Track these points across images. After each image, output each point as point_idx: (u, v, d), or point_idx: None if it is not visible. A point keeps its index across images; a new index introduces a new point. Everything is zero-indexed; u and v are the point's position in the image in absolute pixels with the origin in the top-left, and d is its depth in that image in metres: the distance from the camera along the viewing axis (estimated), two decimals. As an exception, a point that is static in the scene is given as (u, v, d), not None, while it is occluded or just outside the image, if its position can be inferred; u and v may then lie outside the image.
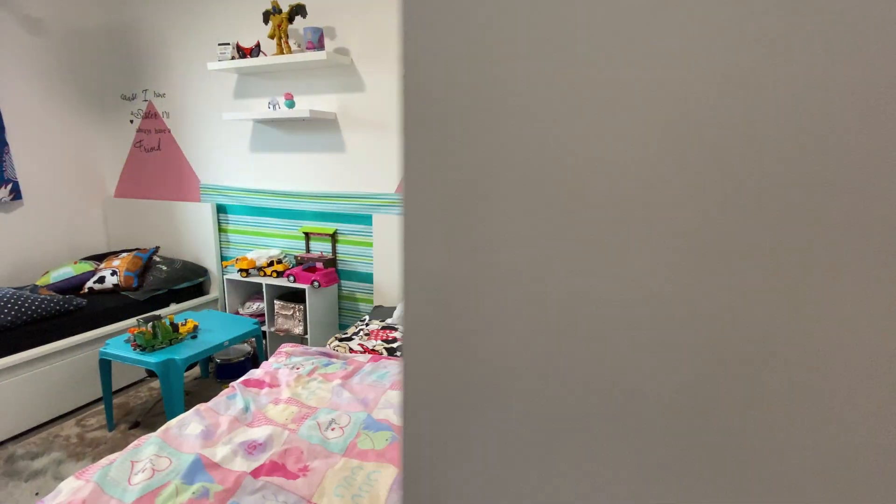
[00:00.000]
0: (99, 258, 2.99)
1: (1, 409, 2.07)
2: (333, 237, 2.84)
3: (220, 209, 3.10)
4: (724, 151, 0.22)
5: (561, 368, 0.27)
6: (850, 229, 0.20)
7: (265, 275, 2.71)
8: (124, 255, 2.83)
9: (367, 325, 2.28)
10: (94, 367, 2.44)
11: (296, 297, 2.77)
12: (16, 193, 2.88)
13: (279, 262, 2.76)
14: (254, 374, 1.60)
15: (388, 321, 2.30)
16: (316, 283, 2.60)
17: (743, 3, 0.20)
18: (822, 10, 0.19)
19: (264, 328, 2.74)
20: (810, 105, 0.20)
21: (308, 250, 2.92)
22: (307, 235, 2.90)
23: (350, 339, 2.08)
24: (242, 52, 2.61)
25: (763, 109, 0.21)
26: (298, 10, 2.42)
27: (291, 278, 2.64)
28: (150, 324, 2.01)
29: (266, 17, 2.48)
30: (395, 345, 2.01)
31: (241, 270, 2.71)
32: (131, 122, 3.25)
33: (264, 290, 2.70)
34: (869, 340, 0.21)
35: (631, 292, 0.24)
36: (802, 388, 0.22)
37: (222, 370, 2.68)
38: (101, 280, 2.68)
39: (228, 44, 2.61)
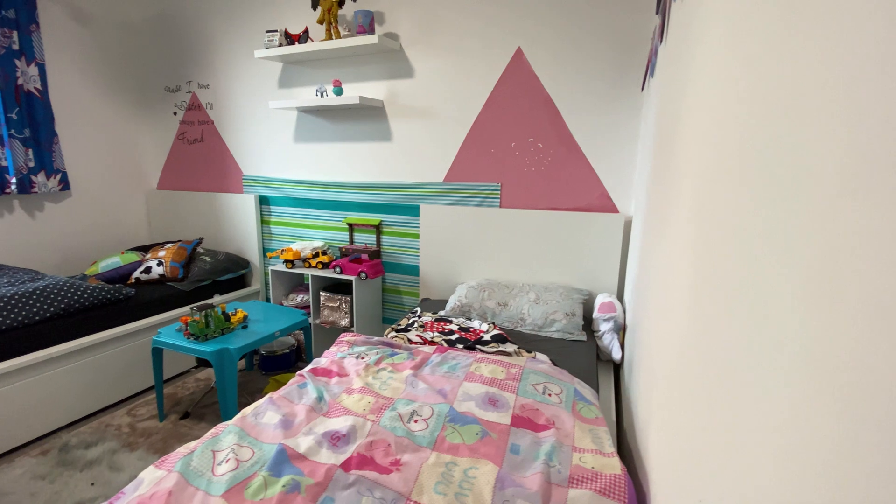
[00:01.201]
0: (144, 249, 2.98)
1: (54, 398, 2.05)
2: (378, 228, 2.77)
3: (263, 201, 3.07)
4: None
5: None
6: None
7: (310, 266, 2.66)
8: (169, 245, 2.82)
9: (419, 316, 2.19)
10: (143, 356, 2.42)
11: (340, 289, 2.70)
12: (64, 184, 2.89)
13: (324, 253, 2.70)
14: (319, 363, 1.52)
15: (441, 313, 2.21)
16: (363, 275, 2.53)
17: None
18: None
19: (309, 320, 2.68)
20: None
21: (352, 242, 2.85)
22: (351, 227, 2.83)
23: (407, 330, 1.99)
24: (290, 39, 2.57)
25: None
26: (349, -6, 2.36)
27: (338, 269, 2.57)
28: (203, 313, 1.97)
29: (315, 2, 2.42)
30: (453, 337, 1.92)
31: (286, 262, 2.66)
32: (175, 113, 3.25)
33: (310, 281, 2.64)
34: None
35: None
36: None
37: (267, 362, 2.63)
38: (148, 270, 2.66)
39: (276, 31, 2.56)
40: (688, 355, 0.71)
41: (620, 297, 2.24)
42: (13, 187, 2.65)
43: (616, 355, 1.82)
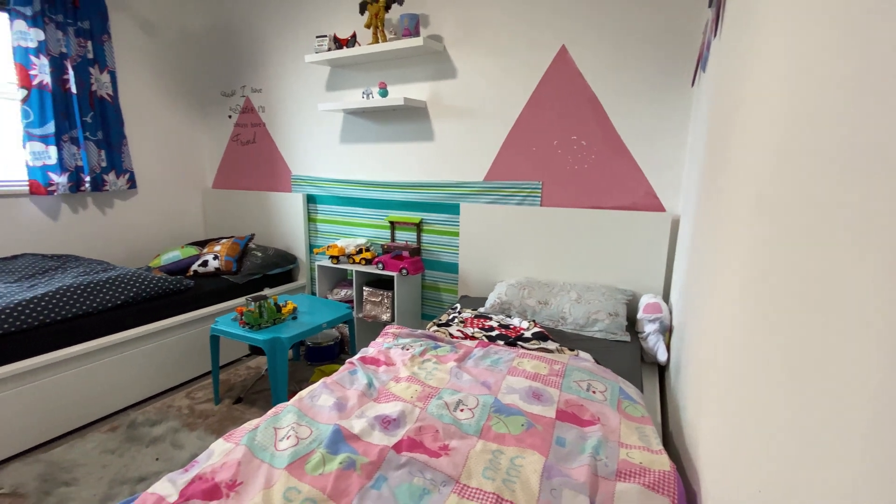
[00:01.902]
0: (201, 244, 3.18)
1: (123, 379, 2.23)
2: (418, 226, 2.83)
3: (310, 199, 3.20)
4: None
5: None
6: None
7: (353, 262, 2.75)
8: (224, 241, 2.99)
9: (459, 313, 2.22)
10: (200, 343, 2.59)
11: (382, 284, 2.78)
12: (131, 182, 3.13)
13: (367, 249, 2.79)
14: (367, 352, 1.59)
15: (481, 310, 2.24)
16: (404, 271, 2.60)
17: None
18: None
19: (352, 314, 2.77)
20: None
21: (393, 239, 2.93)
22: (393, 224, 2.91)
23: (448, 325, 2.03)
24: (339, 44, 2.67)
25: None
26: (395, -2, 2.43)
27: (380, 266, 2.65)
28: (258, 303, 2.08)
29: (363, 7, 2.51)
30: (493, 333, 1.94)
31: (331, 257, 2.77)
32: (230, 116, 3.44)
33: (353, 276, 2.74)
34: None
35: None
36: None
37: (312, 353, 2.75)
38: (205, 264, 2.84)
39: (325, 36, 2.68)
40: (748, 356, 0.71)
41: (666, 298, 2.19)
42: (87, 185, 2.90)
43: (661, 357, 1.79)
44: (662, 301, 1.98)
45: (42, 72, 2.66)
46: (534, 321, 2.05)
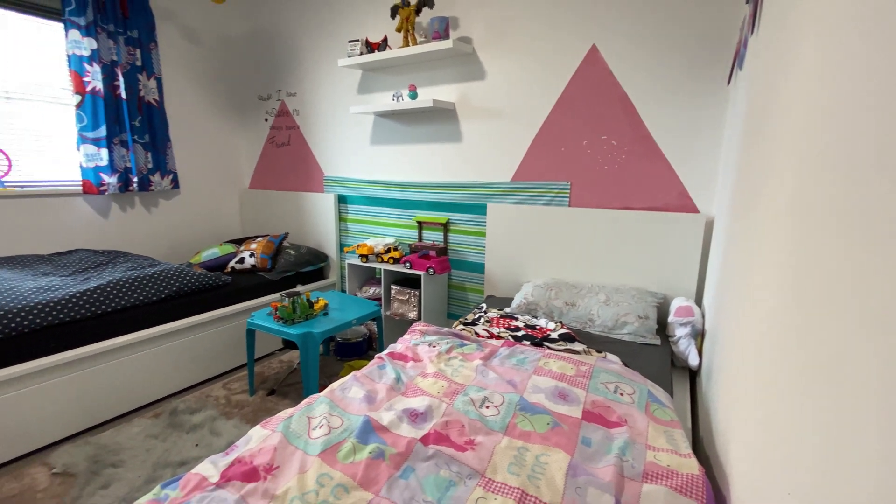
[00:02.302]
0: (238, 241, 3.31)
1: (166, 369, 2.36)
2: (445, 226, 2.86)
3: (341, 199, 3.29)
4: None
5: None
6: None
7: (382, 261, 2.81)
8: (259, 239, 3.11)
9: (485, 312, 2.24)
10: (237, 337, 2.70)
11: (409, 283, 2.83)
12: (175, 183, 3.29)
13: (395, 249, 2.84)
14: (395, 348, 1.63)
15: (507, 310, 2.25)
16: (431, 270, 2.63)
17: None
18: None
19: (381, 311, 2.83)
20: None
21: (420, 239, 2.97)
22: (420, 224, 2.95)
23: (474, 324, 2.05)
24: (370, 48, 2.73)
25: None
26: (426, 2, 2.47)
27: (408, 265, 2.70)
28: (291, 299, 2.16)
29: (394, 11, 2.56)
30: (519, 333, 1.95)
31: (361, 256, 2.84)
32: (266, 120, 3.58)
33: (381, 275, 2.80)
34: None
35: None
36: None
37: (342, 348, 2.82)
38: (242, 261, 2.96)
39: (358, 40, 2.75)
40: (783, 361, 0.69)
41: (699, 302, 2.14)
42: (135, 185, 3.07)
43: (693, 361, 1.75)
44: (695, 304, 1.93)
45: (95, 78, 2.84)
46: (560, 322, 2.05)
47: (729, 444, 1.00)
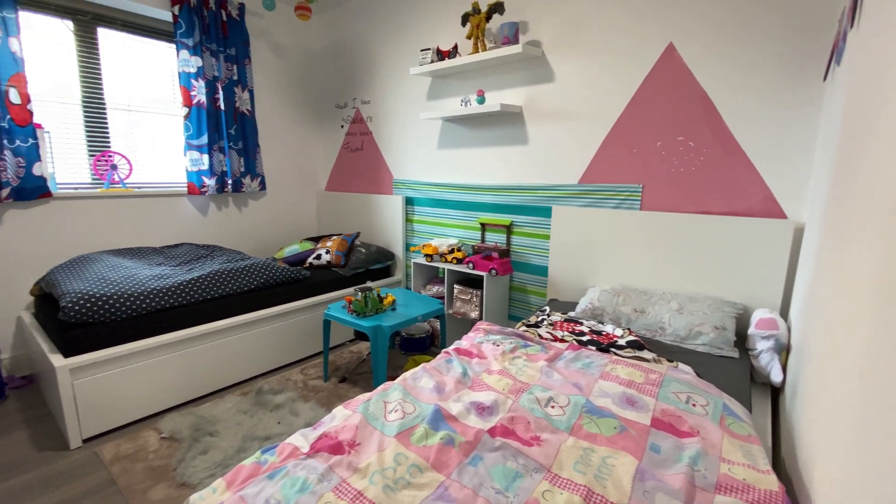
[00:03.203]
0: (315, 239, 3.58)
1: (253, 352, 2.62)
2: (508, 228, 2.89)
3: (408, 201, 3.43)
4: None
5: None
6: None
7: (446, 261, 2.90)
8: (334, 237, 3.34)
9: (548, 315, 2.24)
10: (313, 327, 2.93)
11: (472, 283, 2.89)
12: (262, 185, 3.63)
13: (458, 249, 2.92)
14: (460, 344, 1.70)
15: (571, 314, 2.23)
16: (493, 272, 2.67)
17: None
18: None
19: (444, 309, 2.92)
20: None
21: (483, 240, 3.02)
22: (483, 226, 3.01)
23: (537, 326, 2.07)
24: (441, 55, 2.84)
25: None
26: (496, 8, 2.52)
27: (470, 265, 2.76)
28: (363, 294, 2.31)
29: (465, 19, 2.64)
30: (584, 338, 1.94)
31: (426, 256, 2.95)
32: (342, 126, 3.83)
33: (445, 274, 2.89)
34: None
35: None
36: None
37: (406, 343, 2.95)
38: (319, 257, 3.20)
39: (429, 49, 2.86)
40: (879, 381, 0.66)
41: (784, 314, 1.99)
42: (230, 187, 3.43)
43: (776, 378, 1.64)
44: (779, 317, 1.81)
45: (200, 92, 3.21)
46: (628, 329, 2.00)
47: (813, 465, 0.95)
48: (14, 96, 2.46)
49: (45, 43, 2.72)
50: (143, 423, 2.21)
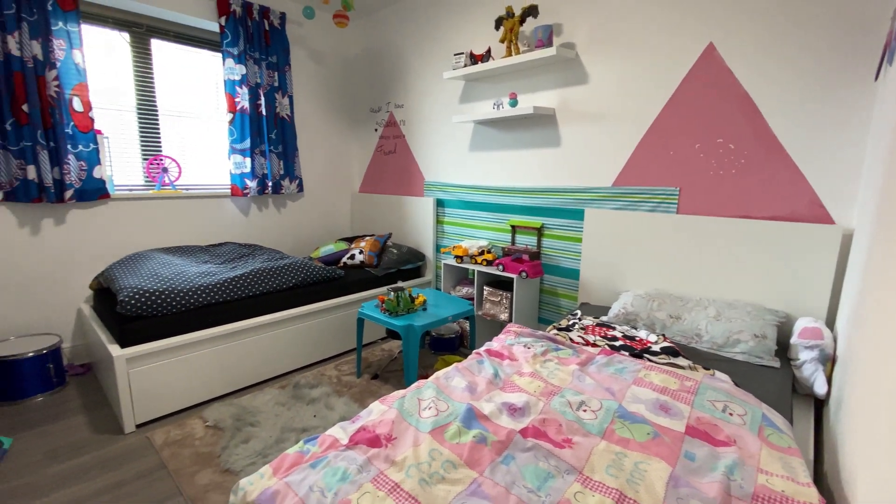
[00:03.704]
0: (349, 240, 3.68)
1: (291, 347, 2.73)
2: (539, 231, 2.88)
3: (439, 203, 3.48)
4: None
5: None
6: None
7: (476, 262, 2.92)
8: (367, 238, 3.43)
9: (579, 319, 2.23)
10: (346, 324, 3.02)
11: (501, 285, 2.91)
12: (300, 187, 3.76)
13: (488, 251, 2.94)
14: (491, 346, 1.73)
15: (604, 319, 2.21)
16: (524, 274, 2.68)
17: None
18: None
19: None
20: None
21: (514, 242, 3.03)
22: (514, 228, 3.01)
23: (568, 329, 2.07)
24: (474, 59, 2.87)
25: None
26: (530, 12, 2.53)
27: (500, 267, 2.78)
28: (396, 293, 2.37)
29: (498, 23, 2.66)
30: (616, 343, 1.92)
31: (456, 257, 2.99)
32: (375, 130, 3.92)
33: (475, 276, 2.92)
34: None
35: None
36: None
37: (436, 343, 3.00)
38: (352, 257, 3.30)
39: (462, 53, 2.90)
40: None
41: (830, 324, 1.91)
42: (270, 189, 3.57)
43: (820, 389, 1.58)
44: (825, 327, 1.74)
45: (243, 99, 3.36)
46: (663, 335, 1.97)
47: (856, 481, 0.93)
48: (77, 104, 2.66)
49: (104, 54, 2.93)
50: (189, 411, 2.35)
